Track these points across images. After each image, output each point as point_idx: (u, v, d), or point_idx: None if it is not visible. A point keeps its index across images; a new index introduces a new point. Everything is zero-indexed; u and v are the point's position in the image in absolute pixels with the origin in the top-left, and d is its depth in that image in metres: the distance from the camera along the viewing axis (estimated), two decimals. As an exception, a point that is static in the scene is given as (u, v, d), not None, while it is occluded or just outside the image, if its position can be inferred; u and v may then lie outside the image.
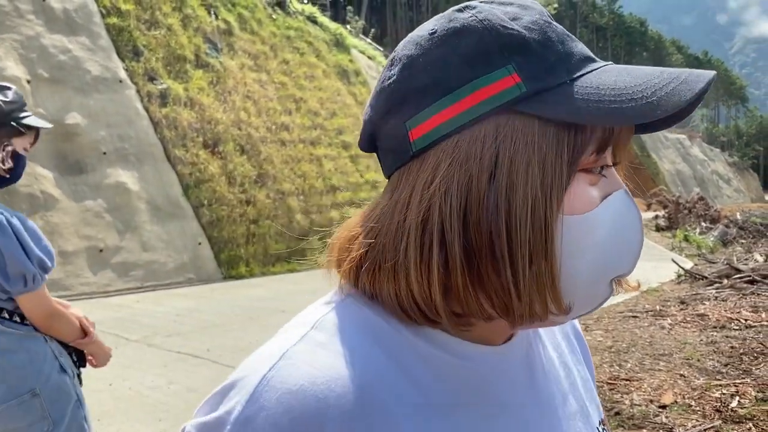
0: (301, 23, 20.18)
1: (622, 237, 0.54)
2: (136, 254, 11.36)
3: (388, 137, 0.57)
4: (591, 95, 0.50)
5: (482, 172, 0.50)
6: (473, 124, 0.51)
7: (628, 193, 0.56)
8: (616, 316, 7.54)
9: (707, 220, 20.63)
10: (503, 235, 0.50)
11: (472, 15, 0.54)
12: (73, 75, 12.27)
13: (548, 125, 0.51)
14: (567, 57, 0.53)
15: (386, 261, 0.53)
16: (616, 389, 4.68)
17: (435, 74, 0.53)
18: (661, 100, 0.49)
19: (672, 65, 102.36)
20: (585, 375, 0.73)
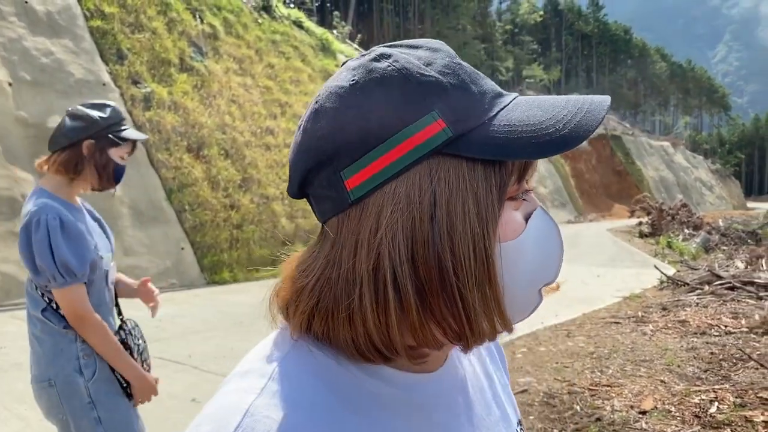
0: (287, 28, 20.16)
1: (547, 249, 0.60)
2: (117, 259, 11.22)
3: (322, 186, 0.58)
4: (511, 133, 0.55)
5: (423, 214, 0.53)
6: (408, 169, 0.54)
7: (544, 209, 0.62)
8: (598, 322, 7.58)
9: (690, 226, 20.82)
10: (450, 270, 0.53)
11: (389, 64, 0.57)
12: (55, 78, 12.16)
13: (476, 163, 0.55)
14: (482, 96, 0.57)
15: (340, 310, 0.56)
16: (598, 395, 4.69)
17: (365, 126, 0.55)
18: (572, 133, 0.54)
19: (656, 72, 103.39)
20: (504, 380, 0.79)
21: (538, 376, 5.26)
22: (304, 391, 0.55)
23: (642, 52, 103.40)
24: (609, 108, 0.58)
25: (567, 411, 4.38)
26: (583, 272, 13.49)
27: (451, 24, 56.43)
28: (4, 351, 6.84)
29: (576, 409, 4.40)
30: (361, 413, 0.57)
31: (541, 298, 0.61)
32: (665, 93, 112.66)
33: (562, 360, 5.80)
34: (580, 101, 0.58)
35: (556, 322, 7.79)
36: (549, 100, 0.59)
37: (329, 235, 0.58)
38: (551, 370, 5.47)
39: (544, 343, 6.62)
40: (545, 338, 6.85)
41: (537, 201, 0.62)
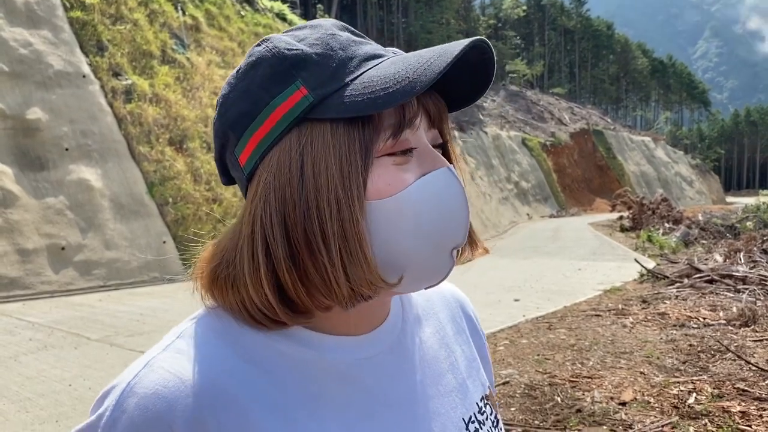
0: (269, 20, 20.04)
1: (444, 210, 0.59)
2: (99, 252, 11.15)
3: (232, 168, 0.64)
4: (365, 89, 0.56)
5: (292, 179, 0.56)
6: (280, 138, 0.58)
7: (451, 170, 0.60)
8: (579, 315, 7.65)
9: (670, 221, 21.04)
10: (317, 232, 0.55)
11: (264, 46, 0.61)
12: (34, 69, 11.98)
13: (338, 124, 0.57)
14: (348, 61, 0.59)
15: (228, 275, 0.59)
16: (578, 387, 4.74)
17: (243, 105, 0.60)
18: (418, 78, 0.55)
19: (637, 68, 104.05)
20: (470, 355, 0.78)
21: (519, 368, 5.30)
22: (205, 347, 0.58)
23: (624, 48, 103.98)
24: (474, 44, 0.57)
25: (548, 402, 4.42)
26: (564, 266, 13.59)
27: (435, 18, 56.34)
28: (-18, 345, 6.74)
29: (557, 401, 4.44)
30: (264, 367, 0.59)
31: (452, 261, 0.61)
32: (646, 88, 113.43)
33: (544, 352, 5.85)
34: (442, 47, 0.59)
35: (537, 314, 7.85)
36: (415, 54, 0.60)
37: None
38: (533, 362, 5.51)
39: (526, 335, 6.66)
40: (527, 331, 6.90)
41: (444, 160, 0.61)
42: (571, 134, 49.99)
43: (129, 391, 0.54)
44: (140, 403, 0.53)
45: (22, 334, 7.34)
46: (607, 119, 68.65)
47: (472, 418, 0.71)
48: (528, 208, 36.28)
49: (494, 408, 0.76)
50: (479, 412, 0.72)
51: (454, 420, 0.69)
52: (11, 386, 5.26)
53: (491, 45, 0.60)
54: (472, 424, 0.70)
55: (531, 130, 46.25)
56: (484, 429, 0.71)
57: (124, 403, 0.54)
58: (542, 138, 45.55)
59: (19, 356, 6.26)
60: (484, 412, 0.73)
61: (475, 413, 0.72)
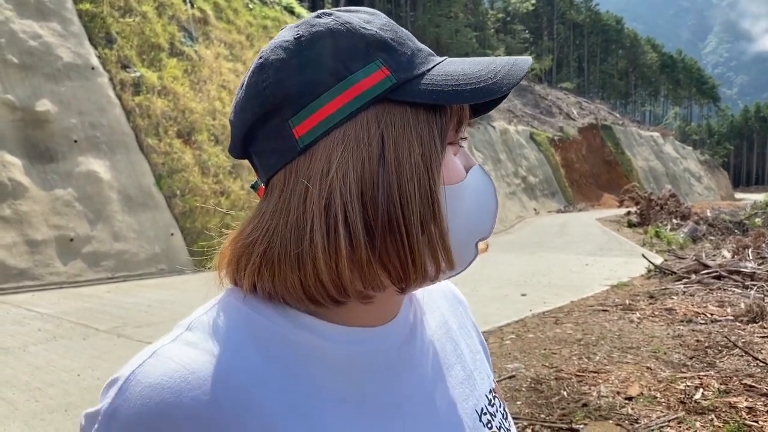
0: (278, 13, 20.02)
1: (484, 204, 0.63)
2: (107, 244, 11.21)
3: (268, 138, 0.60)
4: (449, 81, 0.59)
5: (372, 155, 0.56)
6: (355, 114, 0.57)
7: (482, 167, 0.65)
8: (586, 309, 7.64)
9: (678, 216, 20.95)
10: (397, 209, 0.56)
11: (332, 20, 0.60)
12: (43, 61, 12.03)
13: (419, 108, 0.59)
14: (419, 52, 0.62)
15: (289, 254, 0.57)
16: (584, 381, 4.74)
17: (311, 74, 0.58)
18: (502, 80, 0.60)
19: (647, 63, 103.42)
20: (474, 347, 0.80)
21: (526, 363, 5.31)
22: (220, 339, 0.57)
23: (633, 43, 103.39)
24: (531, 63, 0.64)
25: (554, 396, 4.43)
26: (571, 261, 13.57)
27: (443, 11, 56.14)
28: (-8, 335, 6.80)
29: (563, 395, 4.44)
30: (276, 357, 0.58)
31: (477, 252, 0.64)
32: (656, 83, 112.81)
33: (550, 347, 5.85)
34: (508, 58, 0.63)
35: (544, 309, 7.84)
36: (479, 59, 0.64)
37: (275, 188, 0.60)
38: (539, 356, 5.51)
39: (533, 330, 6.66)
40: (533, 325, 6.90)
41: (474, 159, 0.65)
42: (580, 129, 49.77)
43: (132, 380, 0.53)
44: (143, 393, 0.52)
45: (31, 324, 7.39)
46: (615, 114, 68.31)
47: (483, 409, 0.72)
48: (535, 203, 36.18)
49: (502, 401, 0.77)
50: (489, 404, 0.74)
51: (468, 411, 0.70)
52: (21, 376, 5.30)
53: None
54: (484, 416, 0.71)
55: (539, 125, 46.08)
56: (495, 421, 0.72)
57: (126, 392, 0.52)
58: (550, 133, 45.37)
59: (28, 346, 6.31)
60: (494, 404, 0.75)
61: (485, 405, 0.73)
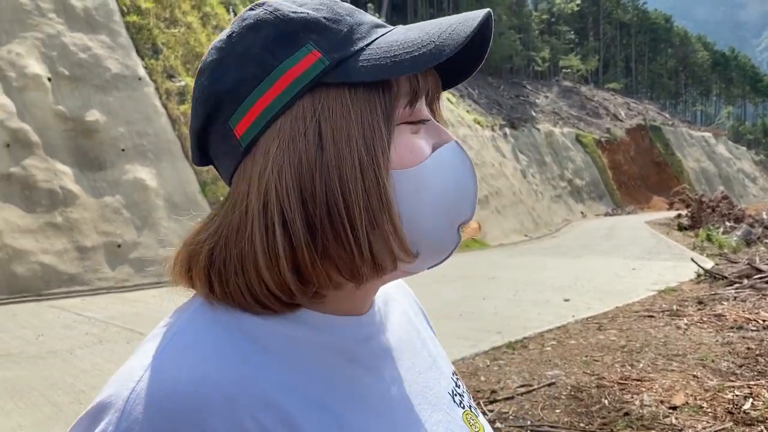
0: (319, 20, 20.19)
1: (459, 185, 0.58)
2: (153, 250, 11.46)
3: (217, 143, 0.58)
4: (385, 53, 0.54)
5: (309, 146, 0.53)
6: (290, 105, 0.54)
7: (459, 145, 0.60)
8: (631, 315, 7.44)
9: (731, 219, 20.29)
10: (340, 203, 0.52)
11: (262, 9, 0.57)
12: (93, 73, 12.40)
13: (357, 89, 0.54)
14: (358, 26, 0.57)
15: (232, 256, 0.54)
16: (627, 389, 4.61)
17: (242, 69, 0.55)
18: (444, 42, 0.54)
19: (697, 61, 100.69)
20: (430, 334, 0.79)
21: (566, 370, 5.19)
22: (218, 342, 0.53)
23: (683, 41, 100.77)
24: (488, 15, 0.57)
25: (594, 405, 4.31)
26: (618, 265, 13.26)
27: (486, 14, 55.78)
28: (41, 339, 7.02)
29: (604, 403, 4.32)
30: (286, 357, 0.55)
31: (459, 237, 0.59)
32: (707, 82, 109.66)
33: (592, 353, 5.71)
34: (457, 17, 0.58)
35: (587, 315, 7.67)
36: (428, 23, 0.59)
37: (230, 191, 0.58)
38: (580, 363, 5.38)
39: (575, 336, 6.52)
40: (576, 331, 6.75)
41: (451, 135, 0.60)
42: (627, 130, 48.78)
43: (135, 398, 0.47)
44: (154, 407, 0.47)
45: (79, 328, 7.60)
46: (665, 114, 66.69)
47: (453, 391, 0.72)
48: (582, 206, 35.58)
49: (461, 382, 0.77)
50: (456, 386, 0.73)
51: (442, 393, 0.69)
52: (66, 378, 5.45)
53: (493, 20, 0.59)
54: (456, 397, 0.71)
55: (585, 127, 45.33)
56: (465, 400, 0.72)
57: (133, 412, 0.47)
58: (597, 134, 44.59)
59: (74, 350, 6.48)
60: (459, 385, 0.74)
61: (453, 387, 0.73)
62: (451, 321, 7.61)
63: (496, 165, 26.99)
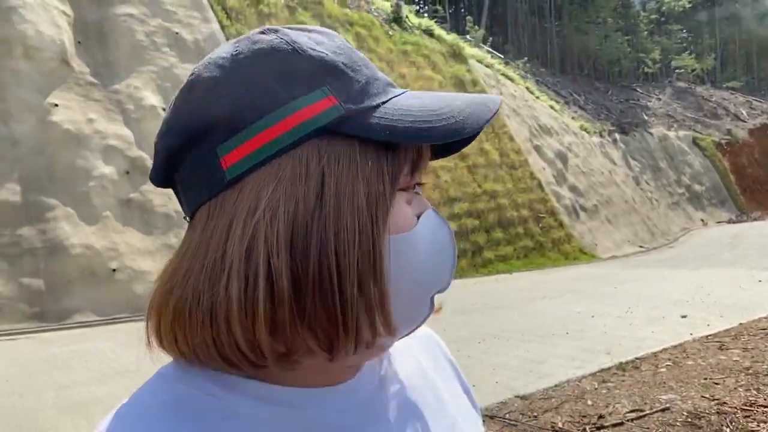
0: (417, 37, 20.34)
1: (439, 252, 0.55)
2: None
3: (194, 166, 0.52)
4: (403, 115, 0.51)
5: (309, 195, 0.48)
6: (294, 146, 0.50)
7: (437, 212, 0.57)
8: (757, 333, 6.85)
9: None
10: (332, 261, 0.48)
11: (277, 37, 0.53)
12: (203, 101, 13.10)
13: (368, 145, 0.51)
14: (374, 80, 0.54)
15: (201, 303, 0.48)
16: (752, 417, 4.21)
17: (247, 96, 0.50)
18: (466, 120, 0.52)
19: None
20: (455, 391, 0.72)
21: (682, 394, 4.83)
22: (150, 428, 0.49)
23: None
24: (500, 102, 0.56)
25: (714, 434, 3.97)
26: (742, 277, 12.32)
27: (591, 18, 54.16)
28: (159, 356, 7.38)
29: (725, 432, 3.97)
30: None
31: (432, 307, 0.56)
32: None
33: (712, 375, 5.28)
34: (472, 96, 0.56)
35: (707, 333, 7.15)
36: (443, 93, 0.56)
37: (199, 223, 0.51)
38: (698, 386, 4.99)
39: (692, 356, 6.07)
40: (693, 351, 6.29)
41: (427, 201, 0.58)
42: (750, 131, 45.48)
43: None
44: None
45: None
46: (793, 112, 61.68)
47: None
48: (702, 213, 33.51)
49: None
50: None
51: None
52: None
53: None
54: None
55: (703, 129, 42.78)
56: None
57: None
58: (716, 136, 41.93)
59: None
60: None
61: None
62: (556, 340, 7.33)
63: (606, 172, 26.02)
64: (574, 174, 22.94)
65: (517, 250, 17.01)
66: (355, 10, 18.91)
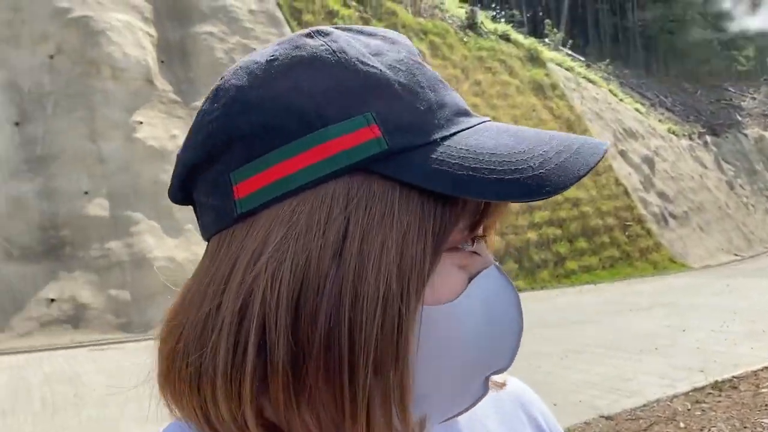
0: (493, 42, 20.07)
1: (498, 325, 0.44)
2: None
3: (207, 189, 0.44)
4: (467, 160, 0.41)
5: (325, 248, 0.39)
6: (318, 184, 0.40)
7: (500, 269, 0.45)
8: None
9: None
10: (344, 336, 0.38)
11: (323, 43, 0.43)
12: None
13: (411, 193, 0.40)
14: (438, 108, 0.43)
15: (189, 363, 0.41)
16: None
17: (271, 115, 0.41)
18: (550, 174, 0.40)
19: None
20: None
21: (789, 419, 4.42)
22: None
23: None
24: (605, 152, 0.42)
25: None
26: None
27: (676, 16, 52.11)
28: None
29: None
30: None
31: (486, 389, 0.45)
32: None
33: (823, 399, 4.82)
34: (569, 139, 0.43)
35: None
36: (528, 131, 0.44)
37: (206, 258, 0.44)
38: (807, 411, 4.56)
39: (800, 375, 5.59)
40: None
41: (490, 257, 0.46)
42: None
43: None
44: None
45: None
46: None
47: None
48: (805, 218, 31.42)
49: None
50: None
51: None
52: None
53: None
54: None
55: (804, 127, 40.23)
56: None
57: None
58: (819, 136, 39.33)
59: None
60: None
61: None
62: (645, 356, 6.96)
63: (696, 177, 24.82)
64: (663, 179, 21.98)
65: (602, 260, 16.40)
66: (429, 19, 18.85)
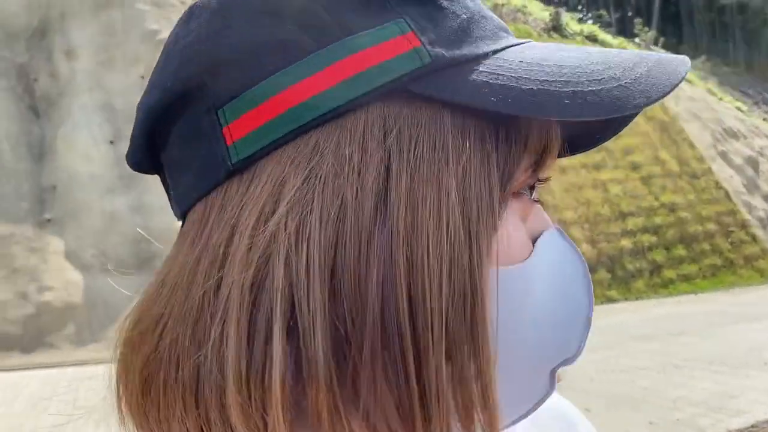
0: (579, 43, 19.45)
1: (565, 300, 0.35)
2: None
3: (186, 138, 0.32)
4: (533, 72, 0.32)
5: (364, 193, 0.29)
6: (344, 112, 0.30)
7: (562, 233, 0.37)
8: None
9: None
10: (404, 311, 0.28)
11: None
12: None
13: (466, 118, 0.31)
14: (482, 19, 0.35)
15: (181, 372, 0.29)
16: None
17: (274, 28, 0.31)
18: (637, 83, 0.32)
19: None
20: None
21: None
22: None
23: None
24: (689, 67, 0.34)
25: None
26: None
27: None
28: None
29: None
30: None
31: (553, 386, 0.35)
32: None
33: None
34: (639, 52, 0.35)
35: None
36: (589, 48, 0.35)
37: (190, 231, 0.32)
38: None
39: None
40: None
41: (547, 217, 0.37)
42: None
43: None
44: None
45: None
46: None
47: None
48: None
49: None
50: None
51: None
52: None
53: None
54: None
55: None
56: None
57: None
58: None
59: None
60: None
61: None
62: (752, 371, 6.51)
63: (806, 178, 23.11)
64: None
65: (702, 269, 15.47)
66: (511, 23, 18.53)
